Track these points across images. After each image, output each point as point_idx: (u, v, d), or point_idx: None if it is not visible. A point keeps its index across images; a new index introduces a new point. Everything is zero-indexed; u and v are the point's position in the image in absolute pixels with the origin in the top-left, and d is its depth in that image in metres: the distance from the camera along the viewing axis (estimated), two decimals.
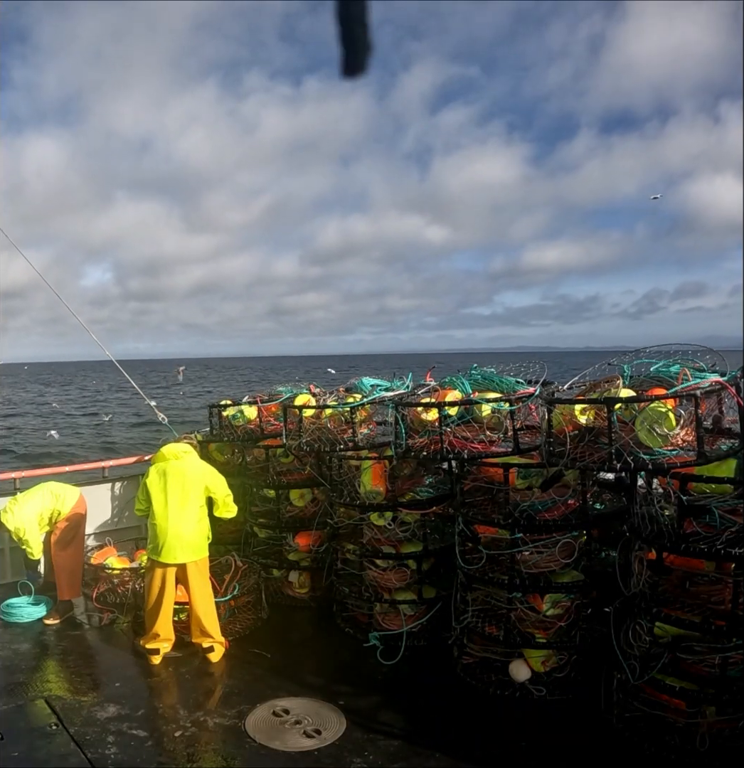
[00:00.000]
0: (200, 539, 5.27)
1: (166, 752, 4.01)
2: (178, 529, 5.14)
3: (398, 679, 4.92)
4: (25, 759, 3.95)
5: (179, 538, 5.13)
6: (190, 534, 5.19)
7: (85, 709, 4.49)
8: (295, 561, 6.39)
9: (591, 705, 4.25)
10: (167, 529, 5.13)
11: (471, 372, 5.32)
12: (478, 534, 4.77)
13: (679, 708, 3.83)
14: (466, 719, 4.35)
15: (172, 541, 5.12)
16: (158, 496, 5.23)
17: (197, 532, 5.25)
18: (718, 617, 3.69)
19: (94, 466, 7.84)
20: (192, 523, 5.21)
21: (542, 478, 4.55)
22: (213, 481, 5.48)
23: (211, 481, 5.46)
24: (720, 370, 4.21)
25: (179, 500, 5.22)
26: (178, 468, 5.33)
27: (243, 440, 6.84)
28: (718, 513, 3.64)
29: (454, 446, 4.86)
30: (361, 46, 0.97)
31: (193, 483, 5.32)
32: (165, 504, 5.20)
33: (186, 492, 5.26)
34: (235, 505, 5.69)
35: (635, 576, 4.09)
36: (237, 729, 4.22)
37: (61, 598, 6.06)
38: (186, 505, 5.22)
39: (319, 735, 4.14)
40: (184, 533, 5.16)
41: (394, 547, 5.40)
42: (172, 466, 5.34)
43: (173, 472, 5.30)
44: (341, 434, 5.81)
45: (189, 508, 5.23)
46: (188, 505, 5.23)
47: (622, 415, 4.07)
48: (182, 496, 5.23)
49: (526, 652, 4.60)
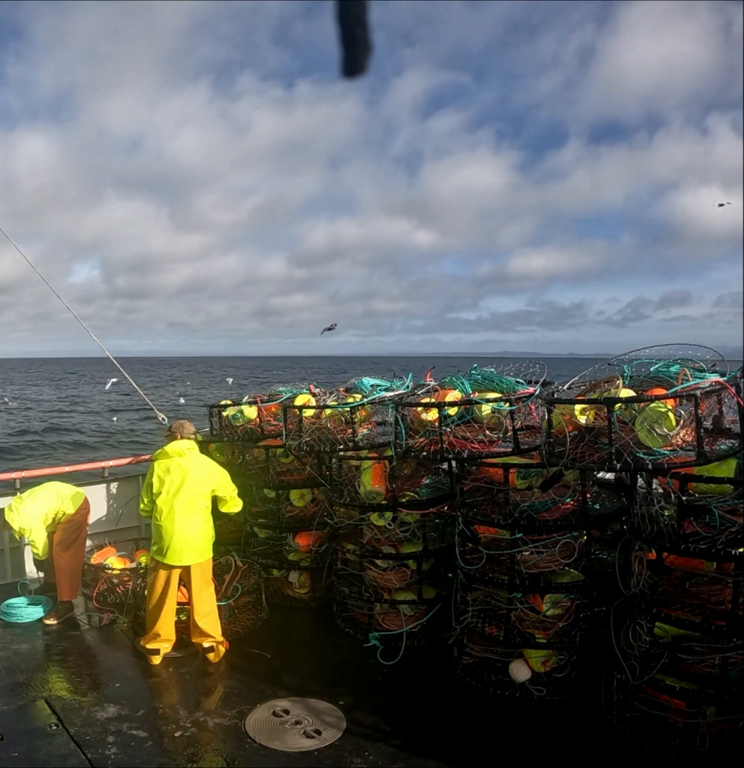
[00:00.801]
0: (206, 541, 5.22)
1: (166, 752, 4.01)
2: (185, 530, 5.07)
3: (398, 680, 4.92)
4: (25, 759, 3.95)
5: (185, 541, 5.07)
6: (195, 536, 5.13)
7: (85, 709, 4.49)
8: (295, 561, 6.38)
9: (591, 705, 4.25)
10: (173, 530, 5.05)
11: (471, 372, 5.32)
12: (478, 534, 4.77)
13: (679, 708, 3.83)
14: (466, 719, 4.35)
15: (178, 543, 5.05)
16: (164, 497, 5.12)
17: (203, 533, 5.19)
18: (718, 617, 3.68)
19: (94, 466, 7.84)
20: (198, 525, 5.15)
21: (542, 479, 4.55)
22: (219, 480, 5.41)
23: (217, 480, 5.39)
24: (720, 370, 4.21)
25: (185, 501, 5.12)
26: (183, 466, 5.22)
27: (243, 440, 6.84)
28: (718, 513, 3.64)
29: (454, 446, 4.86)
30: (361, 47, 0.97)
31: (199, 482, 5.23)
32: (171, 505, 5.09)
33: (192, 492, 5.17)
34: (241, 499, 5.67)
35: (635, 576, 4.09)
36: (237, 729, 4.22)
37: (61, 598, 6.05)
38: (192, 506, 5.14)
39: (319, 735, 4.14)
40: (190, 535, 5.09)
41: (394, 547, 5.40)
42: (176, 465, 5.22)
43: (178, 471, 5.19)
44: (341, 434, 5.81)
45: (195, 509, 5.16)
46: (194, 506, 5.16)
47: (622, 415, 4.07)
48: (188, 496, 5.14)
49: (526, 652, 4.60)
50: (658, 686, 3.88)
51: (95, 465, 7.84)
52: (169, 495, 5.12)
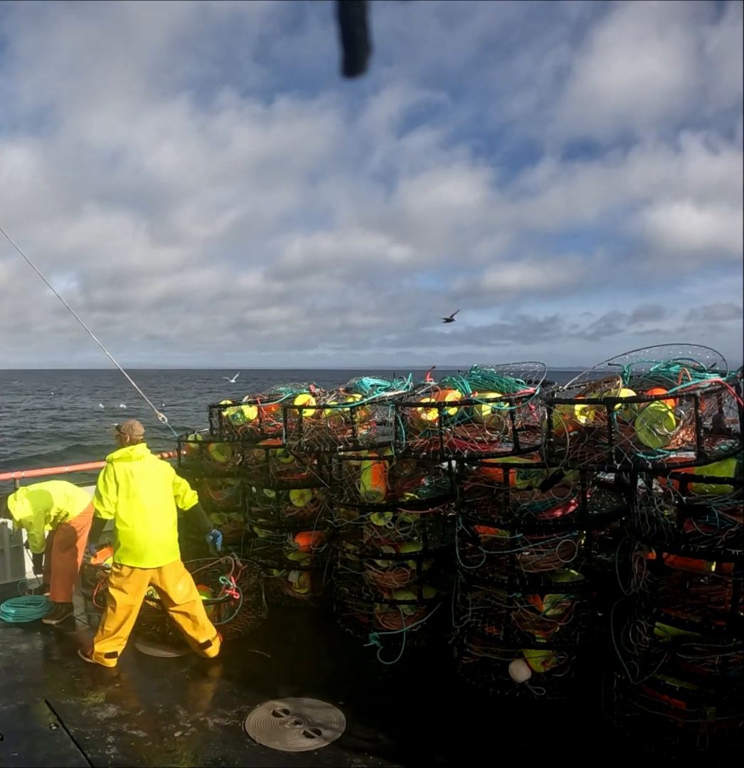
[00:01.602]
0: (175, 540, 5.27)
1: (166, 752, 4.01)
2: (158, 533, 5.10)
3: (398, 680, 4.92)
4: (25, 759, 3.94)
5: (159, 543, 5.10)
6: (167, 536, 5.18)
7: (85, 709, 4.49)
8: (295, 561, 6.38)
9: (591, 705, 4.25)
10: (148, 534, 5.06)
11: (471, 372, 5.32)
12: (478, 534, 4.77)
13: (679, 708, 3.82)
14: (466, 719, 4.35)
15: (153, 545, 5.07)
16: (132, 501, 5.07)
17: (173, 533, 5.25)
18: (718, 617, 3.68)
19: (94, 466, 7.83)
20: (169, 526, 5.20)
21: (542, 479, 4.55)
22: (174, 478, 5.44)
23: (174, 479, 5.43)
24: (720, 370, 4.21)
25: (155, 503, 5.15)
26: (146, 469, 5.21)
27: (243, 440, 6.84)
28: (718, 513, 3.63)
29: (454, 446, 4.86)
30: (361, 47, 0.97)
31: (164, 484, 5.28)
32: (142, 509, 5.07)
33: (160, 494, 5.22)
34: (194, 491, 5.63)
35: (635, 576, 4.09)
36: (237, 729, 4.22)
37: (53, 599, 5.99)
38: (162, 508, 5.19)
39: (319, 735, 4.13)
40: (163, 537, 5.13)
41: (394, 548, 5.40)
42: (139, 468, 5.18)
43: (142, 475, 5.17)
44: (341, 434, 5.81)
45: (165, 511, 5.21)
46: (164, 508, 5.21)
47: (622, 415, 4.07)
48: (157, 498, 5.18)
49: (526, 652, 4.60)
50: (658, 686, 3.88)
51: (95, 465, 7.84)
52: (137, 499, 5.09)
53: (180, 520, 5.35)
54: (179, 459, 7.41)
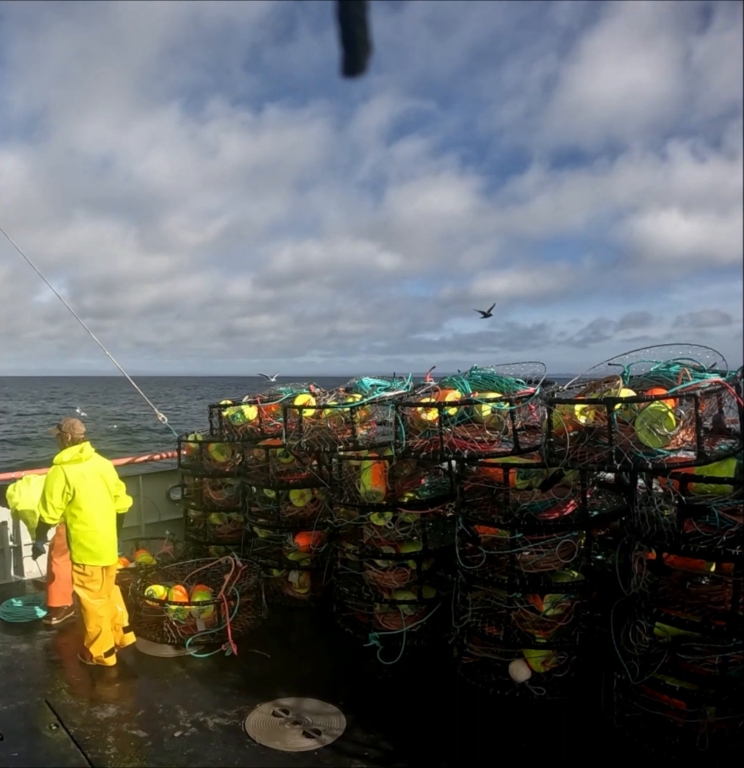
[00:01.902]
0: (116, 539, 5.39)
1: (166, 752, 4.01)
2: (109, 532, 5.22)
3: (398, 680, 4.92)
4: (25, 759, 3.95)
5: (110, 541, 5.23)
6: (114, 535, 5.30)
7: (85, 709, 4.49)
8: (295, 561, 6.38)
9: (591, 705, 4.25)
10: (105, 533, 5.17)
11: (471, 372, 5.31)
12: (478, 534, 4.77)
13: (679, 708, 3.82)
14: (466, 719, 4.35)
15: (108, 544, 5.20)
16: (88, 502, 5.09)
17: (115, 532, 5.35)
18: (718, 617, 3.68)
19: None
20: (113, 524, 5.30)
21: (542, 478, 4.54)
22: (116, 479, 5.47)
23: (116, 477, 5.47)
24: (720, 370, 4.21)
25: (105, 503, 5.23)
26: (95, 470, 5.25)
27: (243, 440, 6.84)
28: (718, 513, 3.63)
29: (454, 446, 4.86)
30: (361, 47, 0.97)
31: (109, 484, 5.34)
32: (96, 508, 5.13)
33: (107, 493, 5.29)
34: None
35: (635, 576, 4.09)
36: (237, 729, 4.22)
37: (50, 604, 5.97)
38: (109, 507, 5.28)
39: (319, 735, 4.13)
40: (113, 535, 5.27)
41: (393, 547, 5.39)
42: (89, 469, 5.20)
43: (93, 475, 5.20)
44: (341, 434, 5.80)
45: (111, 510, 5.30)
46: (110, 507, 5.29)
47: (622, 415, 4.07)
48: (106, 498, 5.26)
49: (526, 652, 4.60)
50: (658, 686, 3.88)
51: None
52: (92, 500, 5.12)
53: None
54: (179, 459, 7.41)
